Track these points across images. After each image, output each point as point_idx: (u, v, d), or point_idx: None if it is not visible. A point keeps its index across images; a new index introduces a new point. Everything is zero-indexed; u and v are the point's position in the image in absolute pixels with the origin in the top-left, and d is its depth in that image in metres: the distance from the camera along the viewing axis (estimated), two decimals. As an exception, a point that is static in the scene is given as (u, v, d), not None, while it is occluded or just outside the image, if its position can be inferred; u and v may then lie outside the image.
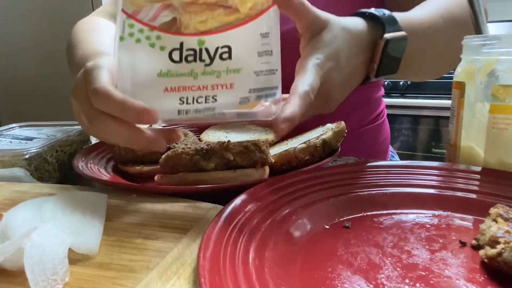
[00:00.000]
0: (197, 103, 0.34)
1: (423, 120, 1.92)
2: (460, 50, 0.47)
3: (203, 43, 0.34)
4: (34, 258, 0.26)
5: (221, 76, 0.34)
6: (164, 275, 0.27)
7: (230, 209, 0.33)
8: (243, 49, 0.35)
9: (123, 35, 0.33)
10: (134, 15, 0.33)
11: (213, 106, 0.35)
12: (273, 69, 0.36)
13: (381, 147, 0.79)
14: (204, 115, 0.35)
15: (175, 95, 0.34)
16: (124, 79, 0.34)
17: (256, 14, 0.35)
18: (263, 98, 0.36)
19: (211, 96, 0.35)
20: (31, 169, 0.51)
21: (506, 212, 0.31)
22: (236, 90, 0.35)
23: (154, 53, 0.33)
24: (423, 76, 0.65)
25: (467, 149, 0.45)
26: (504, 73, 0.42)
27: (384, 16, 0.45)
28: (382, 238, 0.33)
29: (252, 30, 0.35)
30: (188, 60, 0.34)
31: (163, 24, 0.33)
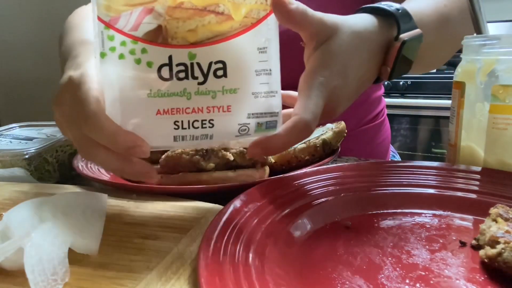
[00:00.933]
0: (193, 127, 0.31)
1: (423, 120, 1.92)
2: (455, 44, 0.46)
3: (194, 56, 0.30)
4: (34, 258, 0.26)
5: (217, 97, 0.31)
6: (164, 275, 0.27)
7: (230, 209, 0.33)
8: (239, 66, 0.31)
9: (103, 50, 0.29)
10: (113, 24, 0.29)
11: (210, 133, 0.32)
12: (273, 91, 0.33)
13: (381, 146, 0.79)
14: (201, 142, 0.32)
15: (169, 118, 0.31)
16: (112, 101, 0.30)
17: (252, 24, 0.31)
18: (264, 126, 0.33)
19: (207, 120, 0.31)
20: (31, 169, 0.51)
21: (506, 212, 0.31)
22: (234, 114, 0.32)
23: (141, 71, 0.30)
24: (429, 67, 0.65)
25: (467, 149, 0.45)
26: (504, 73, 0.42)
27: (398, 12, 0.41)
28: (382, 238, 0.32)
29: (248, 43, 0.31)
30: (180, 77, 0.30)
31: (148, 34, 0.29)
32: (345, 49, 0.37)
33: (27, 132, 0.60)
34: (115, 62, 0.29)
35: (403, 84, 1.93)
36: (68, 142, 0.58)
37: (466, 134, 0.45)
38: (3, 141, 0.56)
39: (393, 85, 1.95)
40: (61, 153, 0.56)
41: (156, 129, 0.31)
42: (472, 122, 0.45)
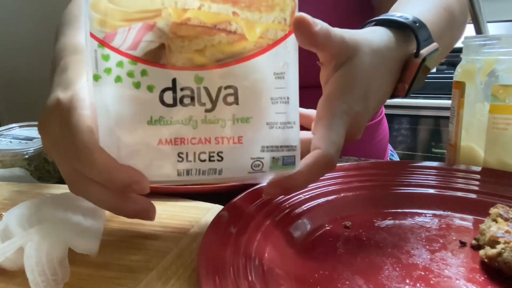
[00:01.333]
0: (199, 160, 0.28)
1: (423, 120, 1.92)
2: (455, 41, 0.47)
3: (201, 80, 0.27)
4: (34, 258, 0.26)
5: (227, 126, 0.28)
6: (164, 275, 0.27)
7: (230, 209, 0.33)
8: (252, 92, 0.28)
9: (97, 72, 0.26)
10: (108, 42, 0.26)
11: (219, 167, 0.28)
12: (290, 121, 0.29)
13: (379, 145, 0.79)
14: (209, 177, 0.28)
15: (172, 149, 0.27)
16: (106, 131, 0.27)
17: (268, 45, 0.27)
18: (280, 162, 0.29)
19: (215, 153, 0.28)
20: (31, 169, 0.51)
21: (506, 212, 0.31)
22: (245, 147, 0.28)
23: (141, 95, 0.26)
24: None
25: (467, 149, 0.45)
26: (504, 73, 0.42)
27: (415, 25, 0.38)
28: (382, 238, 0.32)
29: (263, 67, 0.28)
30: (185, 103, 0.27)
31: (148, 54, 0.26)
32: (366, 70, 0.34)
33: (27, 132, 0.60)
34: (111, 86, 0.26)
35: (403, 84, 1.92)
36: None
37: (466, 134, 0.45)
38: (3, 141, 0.56)
39: (393, 85, 1.94)
40: (61, 153, 0.56)
41: (157, 162, 0.28)
42: (472, 122, 0.45)
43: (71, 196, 0.36)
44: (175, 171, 0.28)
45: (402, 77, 0.39)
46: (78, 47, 0.37)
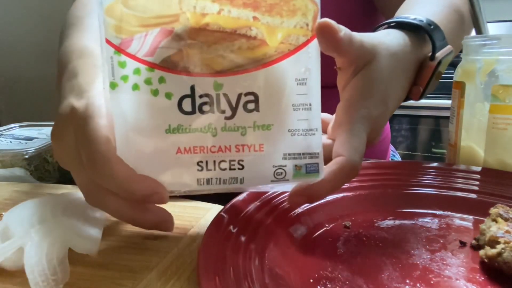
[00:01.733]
0: (219, 169, 0.27)
1: (423, 120, 1.92)
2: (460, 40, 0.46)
3: (220, 87, 0.26)
4: (34, 258, 0.26)
5: (247, 134, 0.27)
6: (164, 275, 0.27)
7: (230, 209, 0.33)
8: (273, 99, 0.27)
9: (114, 79, 0.25)
10: (124, 48, 0.25)
11: (240, 176, 0.28)
12: (313, 128, 0.28)
13: (381, 145, 0.79)
14: (230, 186, 0.28)
15: (191, 157, 0.27)
16: (123, 140, 0.26)
17: (289, 51, 0.27)
18: (303, 170, 0.28)
19: (236, 161, 0.27)
20: (31, 169, 0.51)
21: (506, 212, 0.31)
22: (267, 155, 0.28)
23: (159, 103, 0.26)
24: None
25: (467, 149, 0.45)
26: (504, 73, 0.42)
27: (430, 28, 0.37)
28: (382, 238, 0.33)
29: (284, 73, 0.27)
30: (204, 110, 0.26)
31: (166, 60, 0.26)
32: (384, 74, 0.34)
33: (27, 132, 0.60)
34: (128, 94, 0.26)
35: (403, 84, 1.92)
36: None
37: (466, 134, 0.45)
38: (3, 141, 0.56)
39: (393, 85, 1.94)
40: (61, 153, 0.56)
41: (176, 171, 0.27)
42: (472, 122, 0.45)
43: (71, 196, 0.36)
44: (195, 180, 0.28)
45: (417, 80, 0.38)
46: (85, 49, 0.36)
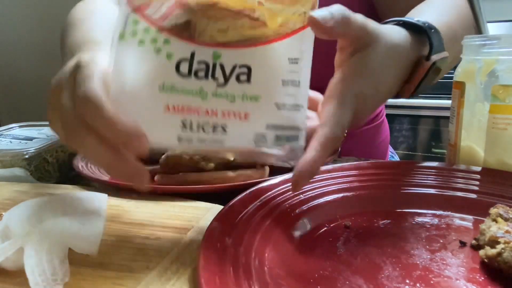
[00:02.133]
0: (202, 131, 0.29)
1: (423, 120, 1.92)
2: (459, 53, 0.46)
3: (219, 57, 0.29)
4: (34, 258, 0.26)
5: (235, 102, 0.29)
6: (164, 275, 0.27)
7: (230, 209, 0.33)
8: (265, 73, 0.29)
9: (124, 32, 0.28)
10: (141, 10, 0.28)
11: (221, 139, 0.29)
12: (299, 104, 0.30)
13: (380, 147, 0.79)
14: (209, 146, 0.29)
15: (177, 117, 0.28)
16: (118, 87, 0.28)
17: (286, 34, 0.29)
18: (283, 140, 0.30)
19: (220, 125, 0.29)
20: (31, 169, 0.51)
21: (506, 212, 0.31)
22: (251, 123, 0.29)
23: (159, 61, 0.28)
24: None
25: (467, 149, 0.45)
26: (504, 73, 0.42)
27: (431, 31, 0.39)
28: (382, 238, 0.33)
29: (279, 52, 0.29)
30: (198, 75, 0.28)
31: (175, 27, 0.28)
32: (381, 60, 0.35)
33: (27, 132, 0.60)
34: (133, 47, 0.28)
35: (403, 84, 1.93)
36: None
37: (466, 134, 0.45)
38: (3, 141, 0.56)
39: (393, 85, 1.95)
40: (61, 153, 0.56)
41: (161, 127, 0.29)
42: (472, 122, 0.45)
43: (71, 196, 0.36)
44: (176, 137, 0.29)
45: (410, 78, 0.40)
46: (90, 40, 0.38)
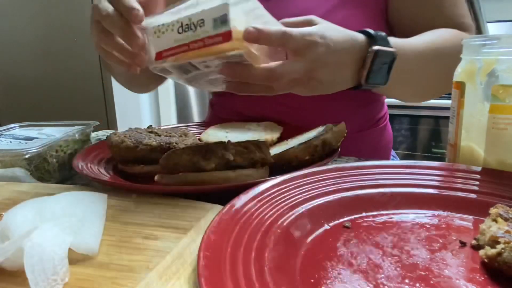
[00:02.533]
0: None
1: (423, 120, 1.92)
2: (446, 80, 0.51)
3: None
4: (34, 258, 0.26)
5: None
6: (164, 275, 0.27)
7: (230, 209, 0.33)
8: None
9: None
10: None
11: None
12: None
13: (382, 151, 0.79)
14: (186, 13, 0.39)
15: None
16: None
17: None
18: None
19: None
20: (31, 169, 0.51)
21: (506, 212, 0.31)
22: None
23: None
24: (411, 97, 0.68)
25: (467, 149, 0.45)
26: (504, 73, 0.42)
27: (377, 34, 0.50)
28: (382, 238, 0.33)
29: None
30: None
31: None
32: (333, 29, 0.47)
33: (27, 132, 0.60)
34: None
35: (403, 84, 1.93)
36: (68, 142, 0.58)
37: (466, 134, 0.45)
38: (3, 141, 0.56)
39: (393, 85, 1.95)
40: (61, 153, 0.56)
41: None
42: (472, 122, 0.45)
43: (71, 196, 0.36)
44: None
45: (364, 64, 0.49)
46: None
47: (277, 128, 0.64)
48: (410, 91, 0.64)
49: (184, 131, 0.63)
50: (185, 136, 0.60)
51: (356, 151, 0.65)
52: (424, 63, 0.58)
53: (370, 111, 0.76)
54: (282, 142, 0.59)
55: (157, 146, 0.52)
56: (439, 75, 0.59)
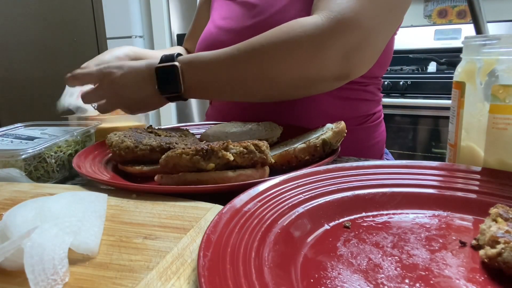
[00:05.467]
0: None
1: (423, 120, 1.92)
2: (263, 79, 0.57)
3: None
4: (34, 258, 0.26)
5: None
6: (164, 275, 0.27)
7: (230, 209, 0.33)
8: None
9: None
10: None
11: None
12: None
13: (375, 149, 0.79)
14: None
15: None
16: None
17: None
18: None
19: None
20: (30, 169, 0.51)
21: (506, 212, 0.31)
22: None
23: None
24: (242, 97, 0.66)
25: (467, 149, 0.45)
26: (504, 73, 0.42)
27: (164, 56, 0.61)
28: (382, 238, 0.33)
29: None
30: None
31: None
32: (121, 80, 0.62)
33: (30, 132, 0.60)
34: None
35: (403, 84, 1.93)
36: (68, 142, 0.58)
37: (466, 134, 0.45)
38: (5, 140, 0.56)
39: (393, 85, 1.95)
40: (60, 153, 0.56)
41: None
42: (472, 122, 0.45)
43: (71, 196, 0.36)
44: None
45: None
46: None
47: (277, 128, 0.64)
48: (231, 93, 0.64)
49: (184, 131, 0.63)
50: (185, 136, 0.60)
51: (349, 147, 0.66)
52: (226, 67, 0.59)
53: (359, 108, 0.77)
54: (282, 142, 0.59)
55: (157, 146, 0.52)
56: (254, 75, 0.58)
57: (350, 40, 0.54)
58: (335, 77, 0.58)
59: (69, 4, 1.77)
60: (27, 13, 1.82)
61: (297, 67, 0.56)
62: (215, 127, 0.68)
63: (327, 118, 0.72)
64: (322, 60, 0.55)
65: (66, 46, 1.80)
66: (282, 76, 0.57)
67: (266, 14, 0.71)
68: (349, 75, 0.59)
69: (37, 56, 1.86)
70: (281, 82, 0.58)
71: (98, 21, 2.06)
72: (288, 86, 0.59)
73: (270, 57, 0.56)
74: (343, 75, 0.58)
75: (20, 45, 1.86)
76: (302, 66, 0.55)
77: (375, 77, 0.78)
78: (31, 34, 1.84)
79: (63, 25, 1.79)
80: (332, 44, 0.54)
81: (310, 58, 0.55)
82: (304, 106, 0.72)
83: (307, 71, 0.56)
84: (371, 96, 0.78)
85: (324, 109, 0.72)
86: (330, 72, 0.56)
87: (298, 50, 0.54)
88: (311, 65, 0.55)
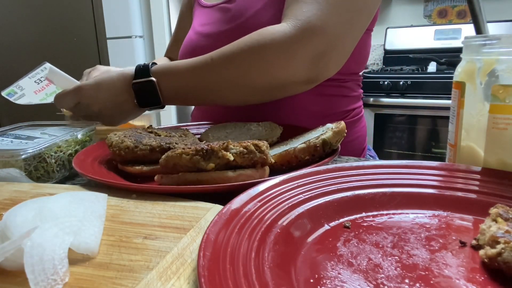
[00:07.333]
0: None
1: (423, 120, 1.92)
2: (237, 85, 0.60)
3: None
4: (34, 258, 0.26)
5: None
6: (164, 275, 0.27)
7: (230, 209, 0.33)
8: None
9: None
10: None
11: None
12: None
13: (354, 144, 0.81)
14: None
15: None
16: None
17: None
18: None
19: None
20: (30, 169, 0.51)
21: (506, 212, 0.31)
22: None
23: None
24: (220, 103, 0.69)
25: (467, 149, 0.45)
26: (504, 73, 0.42)
27: (139, 68, 0.63)
28: (382, 238, 0.33)
29: None
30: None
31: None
32: (92, 95, 0.65)
33: (31, 132, 0.60)
34: None
35: (403, 84, 1.93)
36: (68, 142, 0.58)
37: (466, 134, 0.45)
38: (5, 140, 0.56)
39: (393, 85, 1.95)
40: (60, 153, 0.56)
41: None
42: (472, 122, 0.45)
43: (71, 196, 0.36)
44: None
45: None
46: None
47: (277, 128, 0.64)
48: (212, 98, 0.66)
49: (184, 131, 0.63)
50: (185, 136, 0.60)
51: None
52: (201, 75, 0.62)
53: (338, 104, 0.78)
54: (282, 142, 0.59)
55: (157, 146, 0.52)
56: (228, 82, 0.61)
57: (316, 46, 0.57)
58: (305, 81, 0.61)
59: (69, 4, 1.77)
60: (27, 13, 1.83)
61: (267, 73, 0.59)
62: (215, 127, 0.68)
63: (307, 115, 0.75)
64: (291, 66, 0.58)
65: (66, 46, 1.80)
66: (254, 82, 0.60)
67: (241, 19, 0.73)
68: (318, 78, 0.62)
69: (37, 56, 1.86)
70: (254, 87, 0.61)
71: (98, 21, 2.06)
72: (261, 91, 0.62)
73: (241, 64, 0.58)
74: (312, 79, 0.62)
75: (20, 45, 1.86)
76: (272, 71, 0.59)
77: (354, 73, 0.80)
78: (31, 34, 1.84)
79: (63, 25, 1.79)
80: (300, 51, 0.57)
81: (279, 64, 0.58)
82: (285, 104, 0.74)
83: (278, 76, 0.59)
84: (350, 92, 0.80)
85: (304, 106, 0.74)
86: (299, 76, 0.60)
87: (268, 56, 0.57)
88: (281, 71, 0.58)
